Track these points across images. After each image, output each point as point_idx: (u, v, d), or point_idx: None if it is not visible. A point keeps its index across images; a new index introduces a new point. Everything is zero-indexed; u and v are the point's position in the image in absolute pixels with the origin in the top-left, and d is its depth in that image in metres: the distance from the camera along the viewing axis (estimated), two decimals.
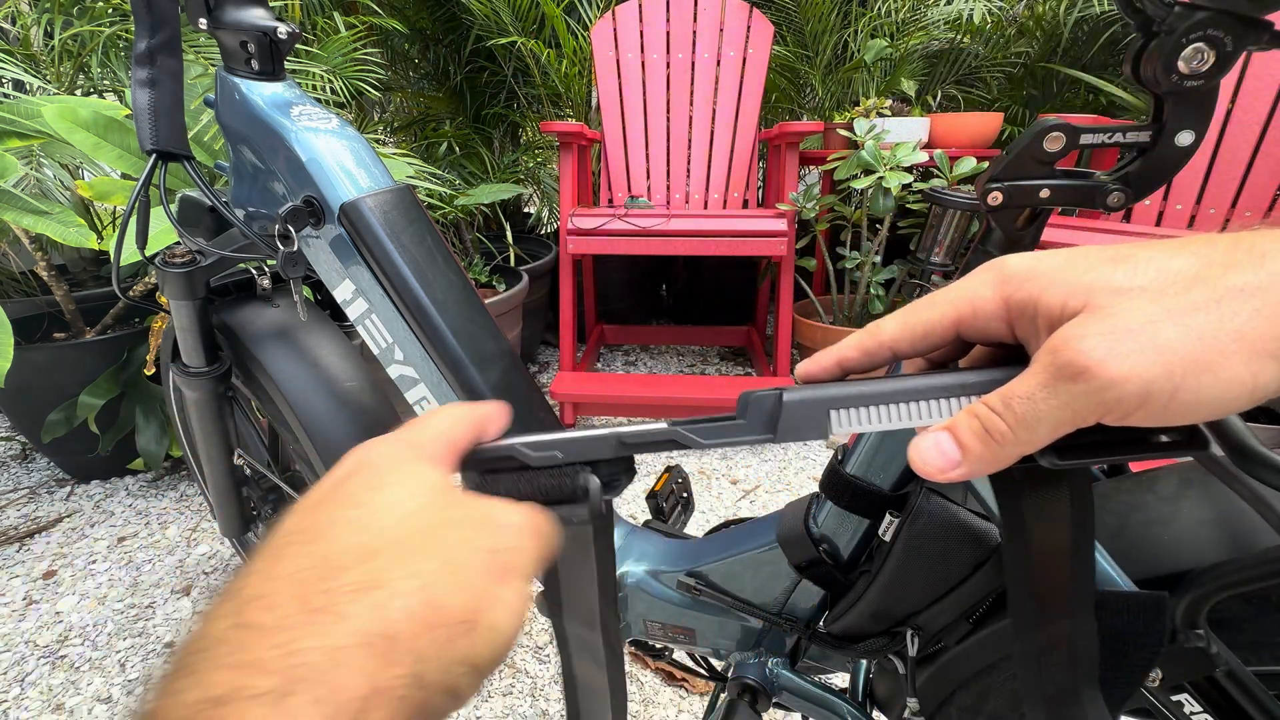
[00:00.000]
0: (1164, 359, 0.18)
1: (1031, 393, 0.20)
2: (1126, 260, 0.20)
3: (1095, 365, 0.18)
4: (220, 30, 0.55)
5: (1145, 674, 0.36)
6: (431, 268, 0.56)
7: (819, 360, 0.26)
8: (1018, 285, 0.21)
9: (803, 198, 1.70)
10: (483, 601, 0.19)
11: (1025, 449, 0.20)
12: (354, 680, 0.16)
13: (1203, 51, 0.29)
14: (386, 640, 0.16)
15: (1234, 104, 1.54)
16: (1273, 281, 0.18)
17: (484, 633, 0.18)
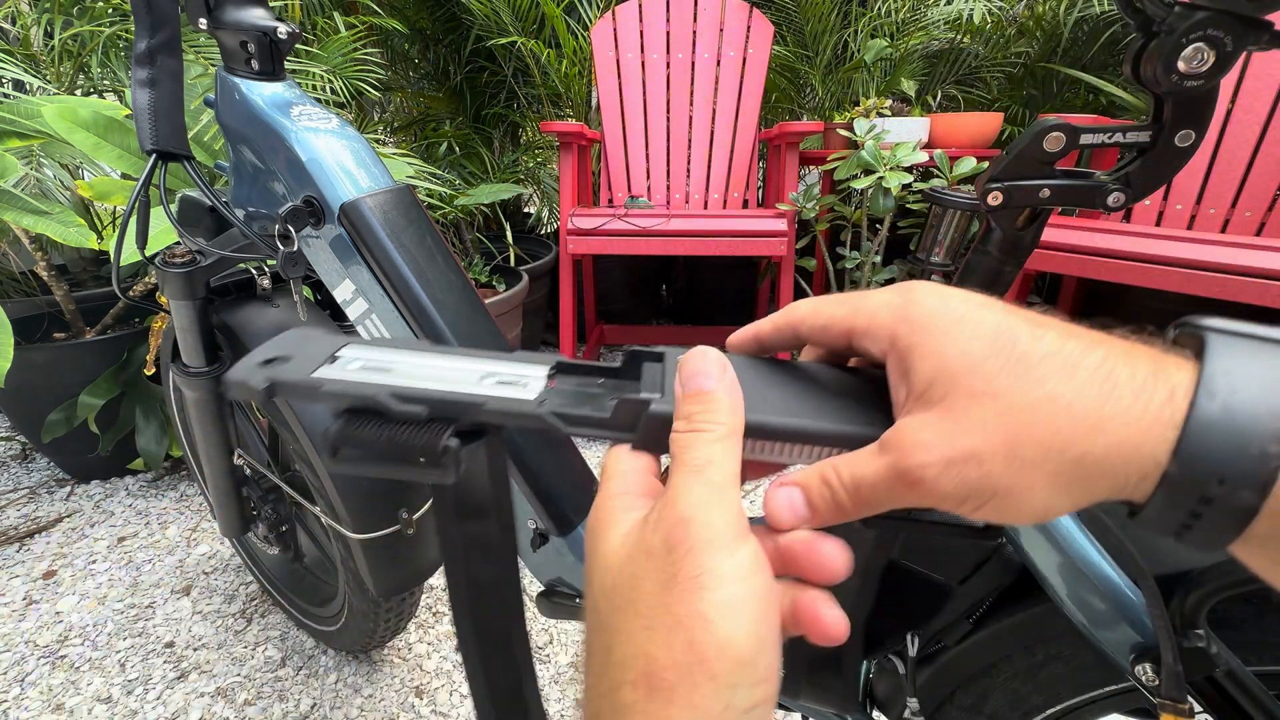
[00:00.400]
0: (985, 484, 0.19)
1: (874, 485, 0.20)
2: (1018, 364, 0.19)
3: (929, 482, 0.19)
4: (220, 30, 0.55)
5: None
6: (431, 268, 0.56)
7: (742, 333, 0.26)
8: (909, 331, 0.21)
9: (803, 198, 1.70)
10: None
11: (861, 517, 0.21)
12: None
13: (1203, 51, 0.29)
14: None
15: (1234, 104, 1.54)
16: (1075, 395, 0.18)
17: None
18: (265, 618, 1.13)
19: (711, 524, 0.18)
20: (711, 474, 0.20)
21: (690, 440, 0.21)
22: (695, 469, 0.20)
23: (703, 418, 0.21)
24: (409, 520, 0.74)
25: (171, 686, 1.00)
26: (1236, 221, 1.58)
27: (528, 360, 0.25)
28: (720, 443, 0.20)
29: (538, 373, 0.25)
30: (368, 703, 0.98)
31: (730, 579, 0.18)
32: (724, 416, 0.21)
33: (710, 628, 0.17)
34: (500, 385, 0.24)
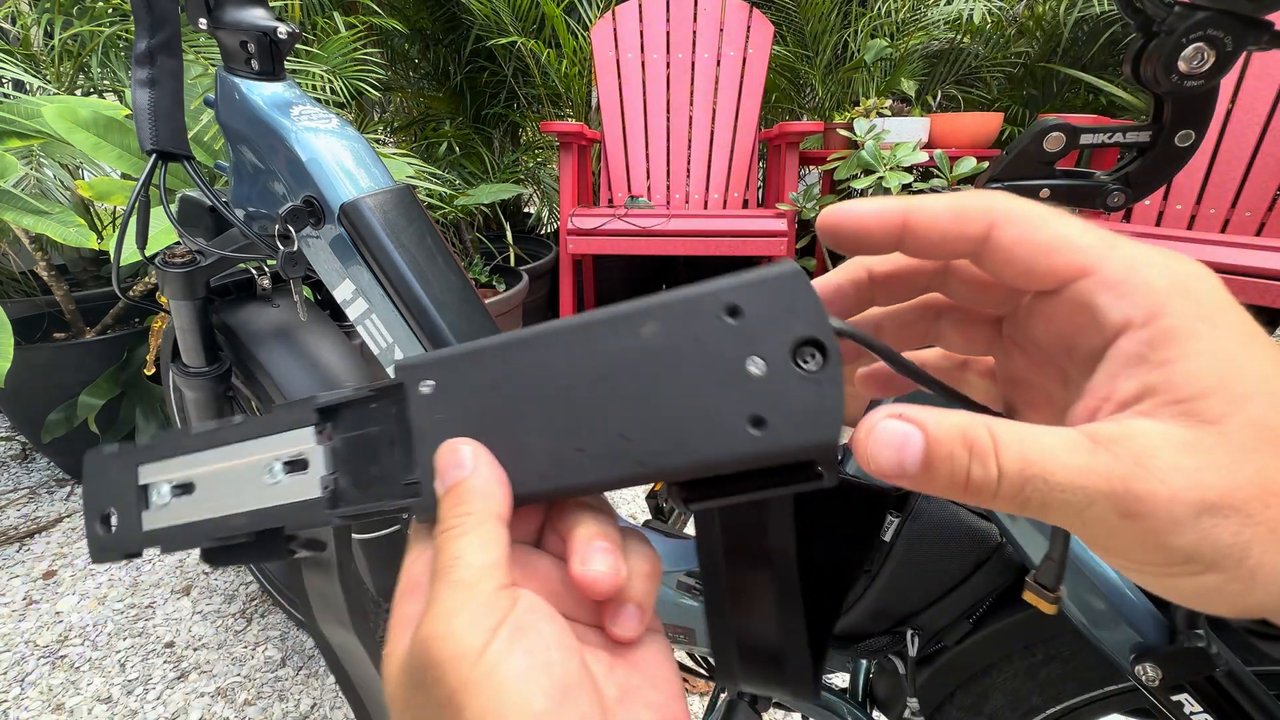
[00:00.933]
0: (1232, 553, 0.13)
1: (1065, 486, 0.14)
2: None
3: (1161, 522, 0.13)
4: (220, 30, 0.55)
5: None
6: (431, 268, 0.56)
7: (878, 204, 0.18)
8: (1192, 312, 0.15)
9: (803, 198, 1.70)
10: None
11: (981, 505, 0.15)
12: None
13: (1203, 51, 0.29)
14: None
15: (1234, 104, 1.54)
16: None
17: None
18: (265, 618, 1.13)
19: (455, 635, 0.17)
20: (458, 573, 0.18)
21: (441, 542, 0.19)
22: (442, 572, 0.18)
23: (452, 512, 0.19)
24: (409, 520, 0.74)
25: (171, 686, 1.00)
26: (1236, 221, 1.58)
27: (294, 421, 0.22)
28: (468, 535, 0.18)
29: (307, 438, 0.22)
30: None
31: (482, 683, 0.16)
32: (475, 504, 0.19)
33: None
34: (288, 474, 0.22)
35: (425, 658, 0.17)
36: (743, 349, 0.17)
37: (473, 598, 0.17)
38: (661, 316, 0.18)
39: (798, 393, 0.17)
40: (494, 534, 0.19)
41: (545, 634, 0.18)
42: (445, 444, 0.20)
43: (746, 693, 0.55)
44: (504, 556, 0.18)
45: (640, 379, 0.18)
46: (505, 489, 0.19)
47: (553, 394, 0.19)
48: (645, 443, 0.18)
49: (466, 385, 0.20)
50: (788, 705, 0.58)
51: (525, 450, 0.19)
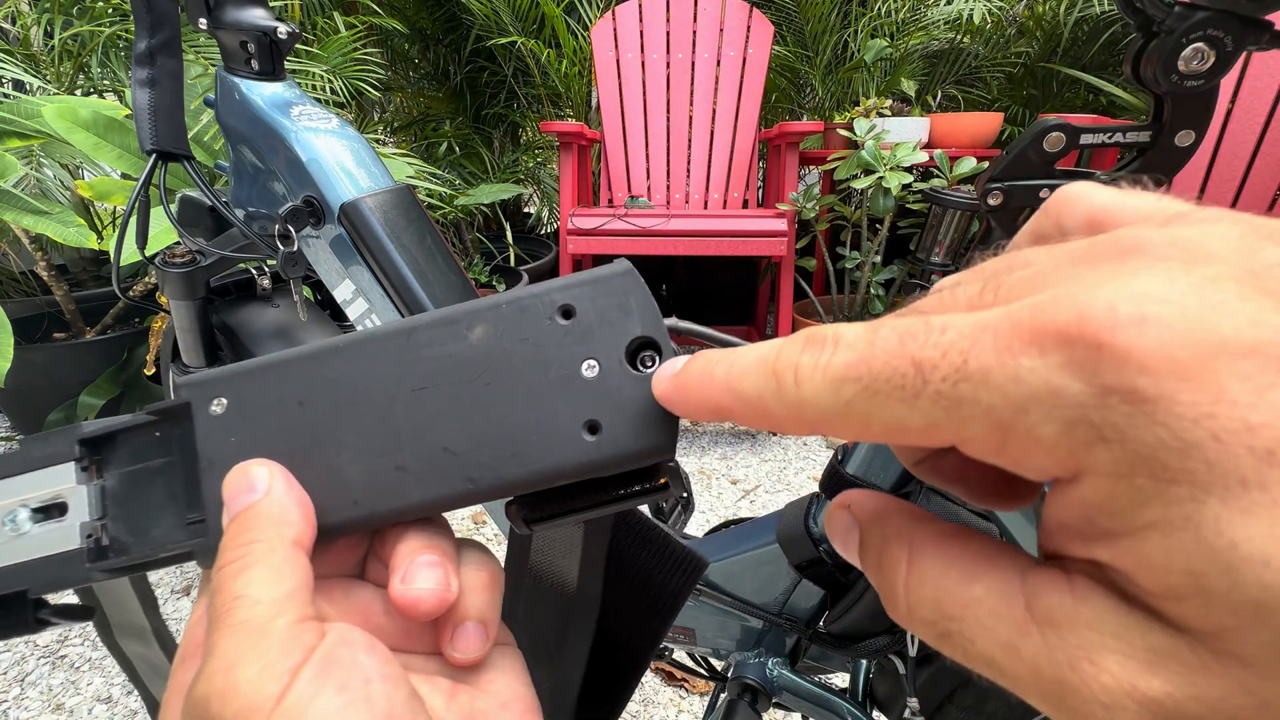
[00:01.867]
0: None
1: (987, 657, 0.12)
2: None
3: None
4: (220, 30, 0.55)
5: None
6: (431, 268, 0.56)
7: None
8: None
9: (803, 198, 1.70)
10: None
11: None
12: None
13: (1203, 51, 0.29)
14: None
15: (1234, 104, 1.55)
16: None
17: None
18: None
19: (239, 685, 0.13)
20: (242, 614, 0.14)
21: (217, 581, 0.15)
22: (220, 617, 0.15)
23: (234, 543, 0.16)
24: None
25: None
26: None
27: (49, 456, 0.18)
28: (255, 567, 0.15)
29: (66, 477, 0.18)
30: None
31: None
32: (265, 532, 0.16)
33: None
34: (37, 523, 0.18)
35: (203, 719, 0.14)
36: (577, 351, 0.16)
37: (263, 639, 0.14)
38: (490, 319, 0.17)
39: (634, 395, 0.16)
40: (287, 562, 0.15)
41: (362, 665, 0.15)
42: (235, 468, 0.17)
43: (747, 692, 0.55)
44: (302, 586, 0.15)
45: (467, 387, 0.17)
46: (305, 510, 0.16)
47: (368, 407, 0.17)
48: (474, 455, 0.16)
49: (266, 402, 0.17)
50: (787, 705, 0.58)
51: (335, 473, 0.17)
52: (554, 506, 0.17)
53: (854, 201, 1.78)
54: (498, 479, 0.16)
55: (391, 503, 0.17)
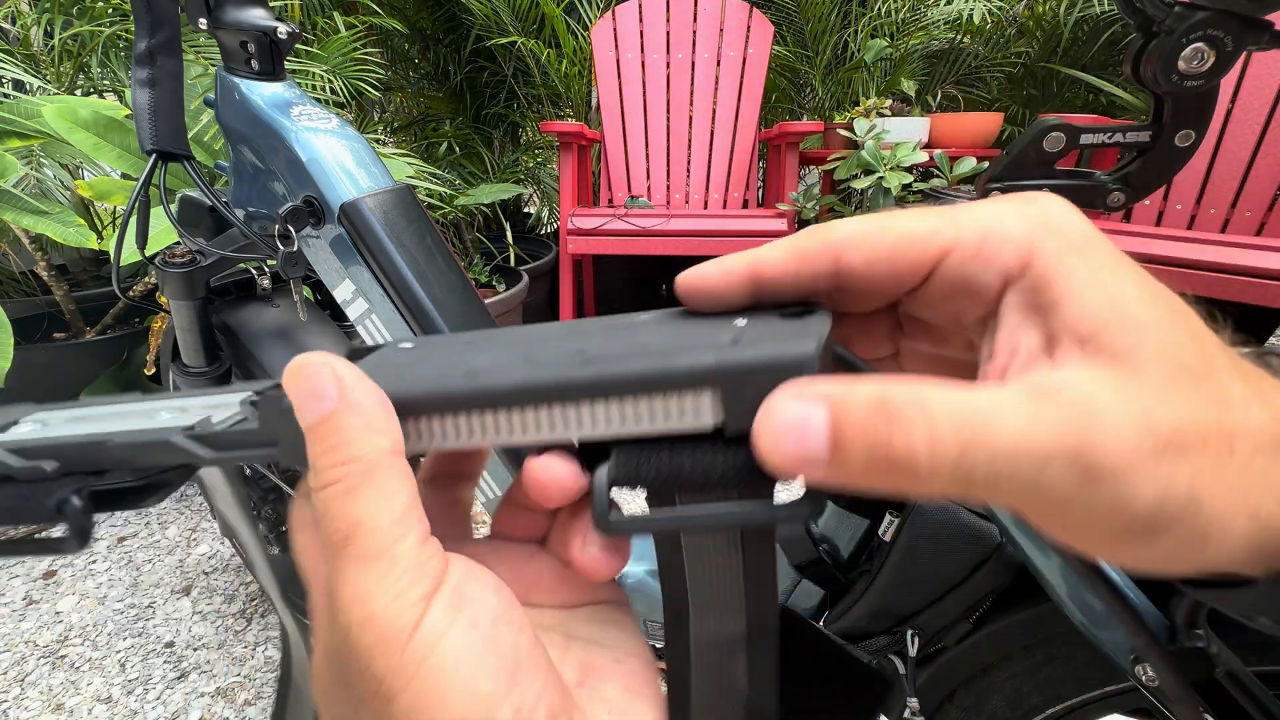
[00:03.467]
0: (1192, 497, 0.12)
1: (1012, 453, 0.12)
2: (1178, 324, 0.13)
3: (1123, 474, 0.12)
4: (220, 30, 0.55)
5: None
6: (431, 268, 0.56)
7: (723, 269, 0.17)
8: (1061, 247, 0.14)
9: (803, 198, 1.70)
10: None
11: (913, 490, 0.12)
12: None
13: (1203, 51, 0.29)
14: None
15: (1234, 104, 1.54)
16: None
17: None
18: (265, 618, 1.13)
19: (374, 617, 0.14)
20: (363, 543, 0.14)
21: (323, 504, 0.15)
22: (339, 545, 0.14)
23: (328, 461, 0.15)
24: None
25: (171, 686, 1.00)
26: (1236, 221, 1.58)
27: (230, 390, 0.19)
28: (361, 489, 0.14)
29: (230, 400, 0.18)
30: None
31: (417, 667, 0.14)
32: (359, 447, 0.15)
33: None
34: (168, 416, 0.18)
35: (345, 648, 0.14)
36: (731, 317, 0.17)
37: (392, 568, 0.14)
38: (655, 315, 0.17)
39: (779, 328, 0.15)
40: (392, 477, 0.15)
41: (491, 604, 0.15)
42: (293, 362, 0.15)
43: None
44: (412, 500, 0.15)
45: (617, 330, 0.17)
46: (388, 410, 0.15)
47: (512, 339, 0.17)
48: (604, 353, 0.15)
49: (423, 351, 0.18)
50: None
51: (460, 364, 0.16)
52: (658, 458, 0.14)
53: (854, 201, 1.78)
54: (620, 370, 0.14)
55: (506, 378, 0.15)
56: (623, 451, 0.15)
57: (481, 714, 0.14)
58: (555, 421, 0.15)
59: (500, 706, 0.14)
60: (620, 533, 0.15)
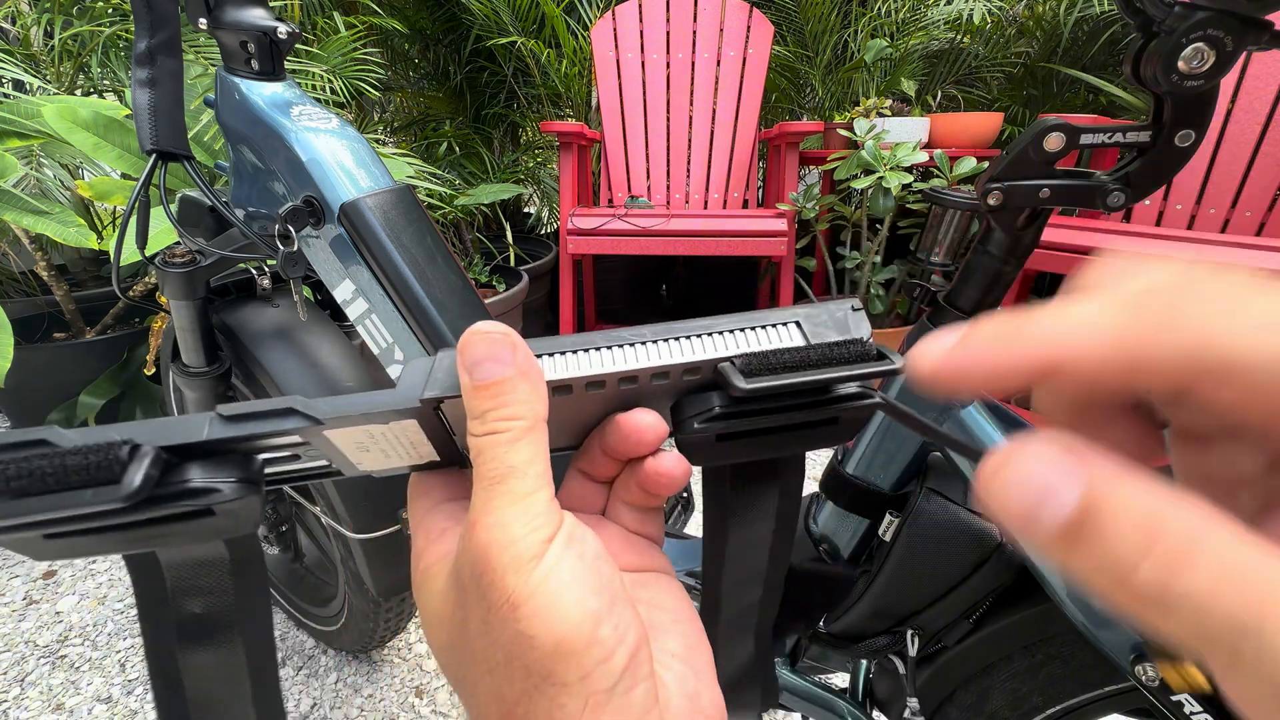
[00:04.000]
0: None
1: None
2: None
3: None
4: (220, 30, 0.55)
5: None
6: (431, 268, 0.56)
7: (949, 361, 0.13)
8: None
9: (803, 198, 1.70)
10: None
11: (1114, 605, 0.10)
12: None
13: (1203, 51, 0.29)
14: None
15: (1234, 104, 1.54)
16: None
17: None
18: None
19: (512, 543, 0.17)
20: (515, 484, 0.17)
21: (485, 445, 0.18)
22: (495, 480, 0.17)
23: (497, 415, 0.18)
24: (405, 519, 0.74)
25: None
26: (1236, 221, 1.57)
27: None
28: (520, 442, 0.18)
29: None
30: (368, 703, 0.98)
31: (539, 584, 0.17)
32: (523, 408, 0.18)
33: (534, 644, 0.16)
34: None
35: (481, 563, 0.17)
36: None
37: (530, 509, 0.17)
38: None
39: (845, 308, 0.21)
40: (542, 441, 0.18)
41: (593, 545, 0.18)
42: (473, 329, 0.19)
43: None
44: (549, 465, 0.19)
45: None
46: (544, 384, 0.19)
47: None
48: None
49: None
50: (787, 705, 0.58)
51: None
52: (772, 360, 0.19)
53: (854, 201, 1.78)
54: (716, 319, 0.20)
55: (606, 338, 0.20)
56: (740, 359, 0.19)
57: (589, 624, 0.17)
58: (694, 348, 0.20)
59: (603, 621, 0.17)
60: (751, 391, 0.18)
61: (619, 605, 0.18)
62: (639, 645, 0.18)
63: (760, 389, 0.18)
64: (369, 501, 0.74)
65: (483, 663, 0.17)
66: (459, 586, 0.18)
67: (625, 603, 0.18)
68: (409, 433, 0.19)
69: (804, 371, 0.19)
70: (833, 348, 0.19)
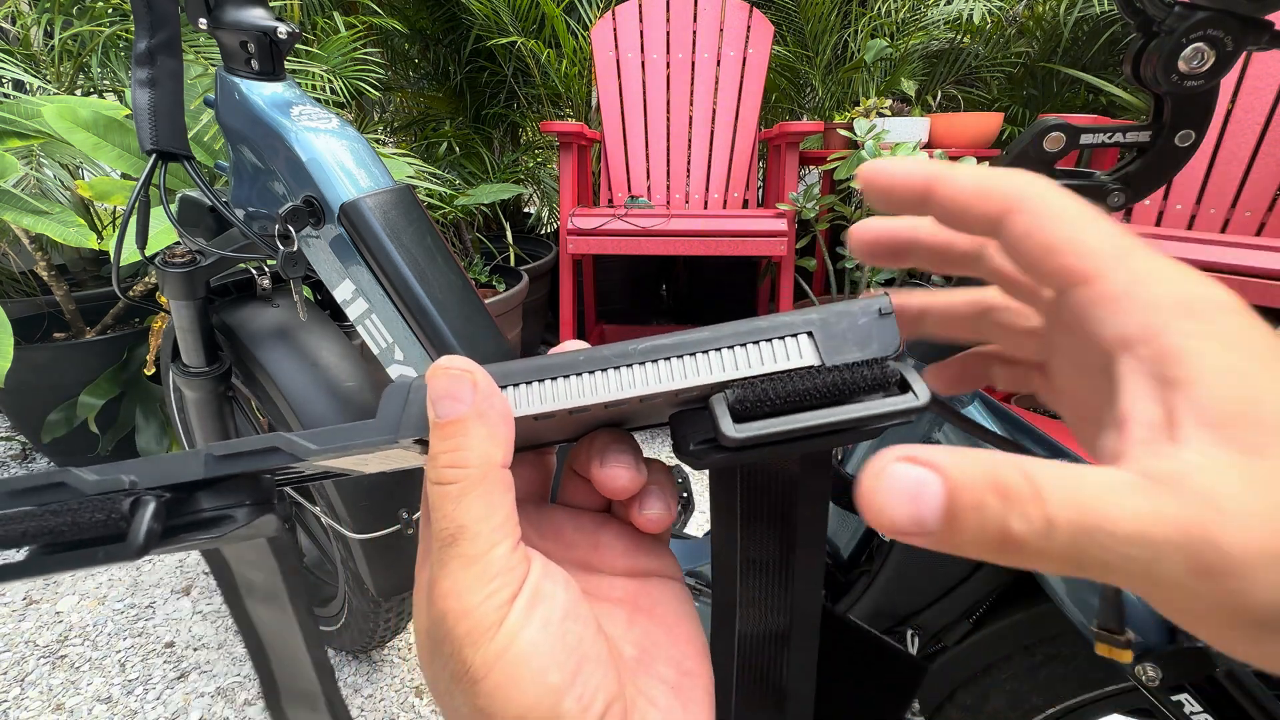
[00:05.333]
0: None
1: (1124, 539, 0.11)
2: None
3: (1242, 579, 0.11)
4: (220, 30, 0.55)
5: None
6: (431, 268, 0.56)
7: (908, 165, 0.17)
8: (1203, 329, 0.13)
9: (803, 198, 1.70)
10: None
11: (1019, 565, 0.13)
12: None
13: (1203, 51, 0.29)
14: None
15: (1234, 104, 1.54)
16: None
17: None
18: None
19: (468, 612, 0.16)
20: (465, 546, 0.16)
21: (435, 498, 0.17)
22: (445, 542, 0.16)
23: (446, 460, 0.17)
24: (409, 520, 0.74)
25: (171, 686, 1.00)
26: (1236, 221, 1.57)
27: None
28: (469, 496, 0.16)
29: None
30: (368, 703, 0.98)
31: (498, 657, 0.16)
32: (473, 454, 0.16)
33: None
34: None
35: (440, 631, 0.16)
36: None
37: (486, 571, 0.16)
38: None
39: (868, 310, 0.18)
40: (498, 489, 0.17)
41: (559, 601, 0.17)
42: (439, 364, 0.17)
43: None
44: (511, 510, 0.17)
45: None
46: (508, 423, 0.17)
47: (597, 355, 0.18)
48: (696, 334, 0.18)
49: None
50: None
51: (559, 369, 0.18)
52: (770, 393, 0.17)
53: (854, 201, 1.78)
54: (716, 330, 0.18)
55: (632, 346, 0.18)
56: (734, 387, 0.17)
57: (549, 701, 0.16)
58: (685, 370, 0.17)
59: (565, 696, 0.16)
60: (742, 445, 0.16)
61: (586, 669, 0.17)
62: (607, 708, 0.17)
63: (751, 438, 0.16)
64: (369, 501, 0.74)
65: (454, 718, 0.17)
66: (429, 640, 0.17)
67: (594, 665, 0.17)
68: (400, 452, 0.19)
69: (805, 412, 0.16)
70: (844, 374, 0.16)
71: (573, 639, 0.17)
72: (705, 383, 0.17)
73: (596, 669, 0.17)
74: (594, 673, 0.17)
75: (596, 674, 0.17)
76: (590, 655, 0.17)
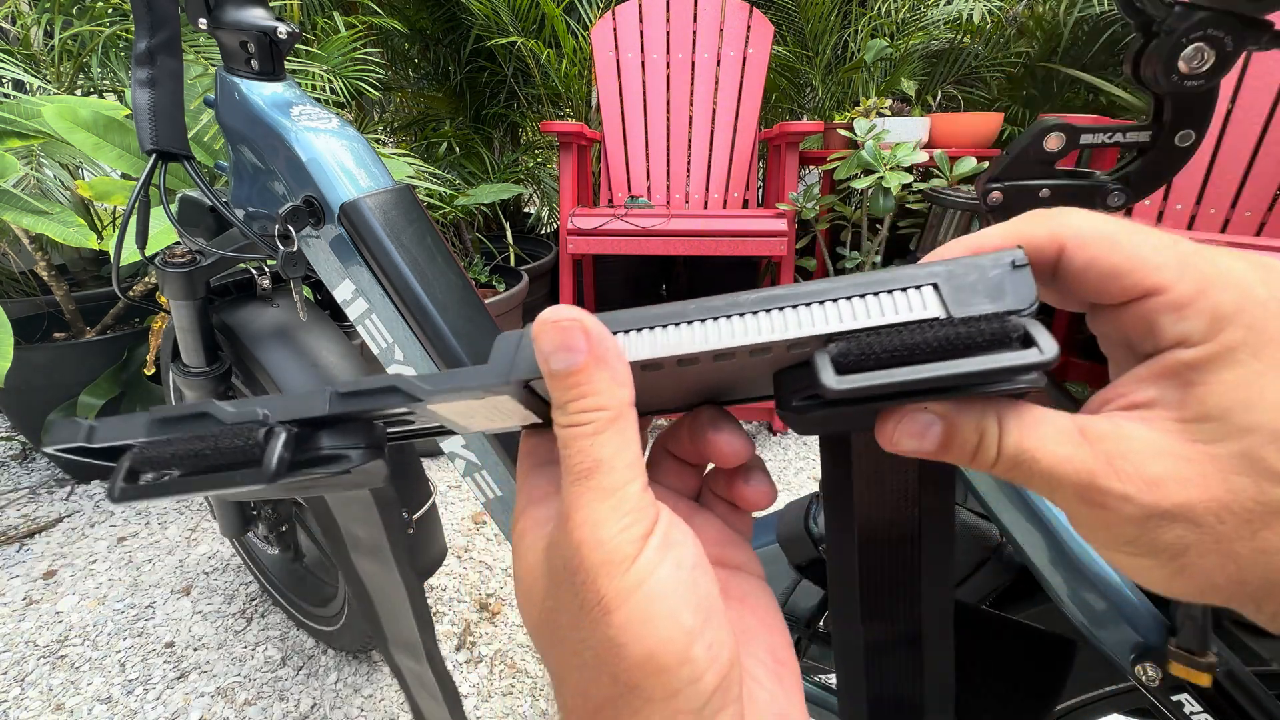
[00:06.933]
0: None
1: (1052, 478, 0.16)
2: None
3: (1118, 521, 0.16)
4: (220, 30, 0.55)
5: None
6: (431, 268, 0.56)
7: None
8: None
9: (803, 198, 1.70)
10: None
11: (982, 470, 0.17)
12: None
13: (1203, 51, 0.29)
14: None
15: (1234, 104, 1.54)
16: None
17: None
18: (265, 618, 1.13)
19: (603, 542, 0.16)
20: (602, 478, 0.17)
21: (568, 438, 0.17)
22: (581, 475, 0.17)
23: (578, 406, 0.17)
24: (408, 520, 0.74)
25: (171, 686, 1.00)
26: (1236, 221, 1.57)
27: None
28: (605, 433, 0.17)
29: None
30: (368, 703, 0.98)
31: (632, 590, 0.16)
32: (604, 397, 0.17)
33: (624, 653, 0.16)
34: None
35: (573, 561, 0.17)
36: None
37: (622, 504, 0.17)
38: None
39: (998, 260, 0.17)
40: (630, 428, 0.17)
41: (689, 550, 0.17)
42: (543, 318, 0.17)
43: None
44: (639, 452, 0.18)
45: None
46: (626, 364, 0.17)
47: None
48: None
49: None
50: None
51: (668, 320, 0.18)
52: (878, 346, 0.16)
53: (854, 201, 1.78)
54: (833, 281, 0.17)
55: (697, 312, 0.17)
56: (840, 340, 0.17)
57: (682, 642, 0.16)
58: (800, 320, 0.17)
59: (697, 639, 0.16)
60: (842, 397, 0.16)
61: (714, 622, 0.17)
62: (731, 666, 0.17)
63: (855, 389, 0.16)
64: None
65: (572, 655, 0.17)
66: (551, 572, 0.18)
67: (721, 620, 0.17)
68: (507, 402, 0.19)
69: (916, 365, 0.15)
70: (959, 327, 0.15)
71: (703, 590, 0.17)
72: (819, 333, 0.17)
73: (723, 625, 0.17)
74: (721, 628, 0.17)
75: (723, 630, 0.17)
76: (717, 610, 0.17)
